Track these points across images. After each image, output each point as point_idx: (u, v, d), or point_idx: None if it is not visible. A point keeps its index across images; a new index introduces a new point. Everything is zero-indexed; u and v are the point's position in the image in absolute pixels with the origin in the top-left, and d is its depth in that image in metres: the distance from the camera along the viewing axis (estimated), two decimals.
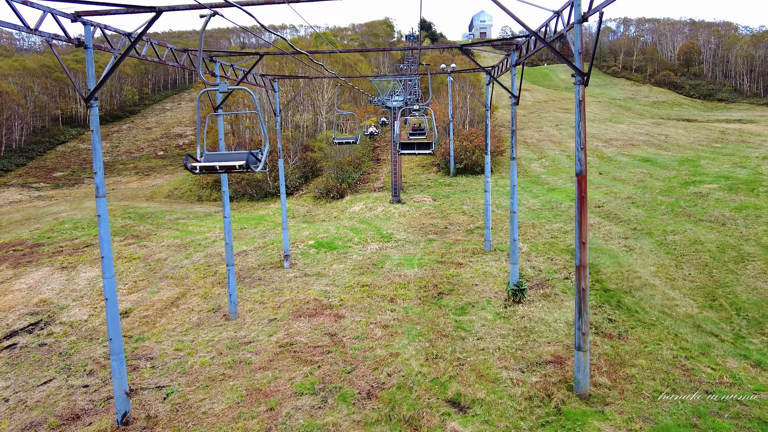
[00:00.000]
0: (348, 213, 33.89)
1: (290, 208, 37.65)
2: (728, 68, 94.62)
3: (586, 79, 10.12)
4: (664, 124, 61.17)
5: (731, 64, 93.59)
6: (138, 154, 76.18)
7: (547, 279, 19.26)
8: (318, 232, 29.03)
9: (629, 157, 44.92)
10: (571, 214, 28.87)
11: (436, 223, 29.54)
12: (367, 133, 33.25)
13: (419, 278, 20.04)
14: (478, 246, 24.05)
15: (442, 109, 51.30)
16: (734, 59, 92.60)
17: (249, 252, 26.90)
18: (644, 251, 21.00)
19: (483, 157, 41.90)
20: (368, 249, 25.36)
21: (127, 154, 76.55)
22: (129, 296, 22.05)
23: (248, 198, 42.50)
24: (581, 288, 10.59)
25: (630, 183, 35.68)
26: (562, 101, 79.80)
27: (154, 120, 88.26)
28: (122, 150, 77.59)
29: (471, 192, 36.74)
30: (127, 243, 32.18)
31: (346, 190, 38.47)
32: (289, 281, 21.42)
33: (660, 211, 27.54)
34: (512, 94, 16.70)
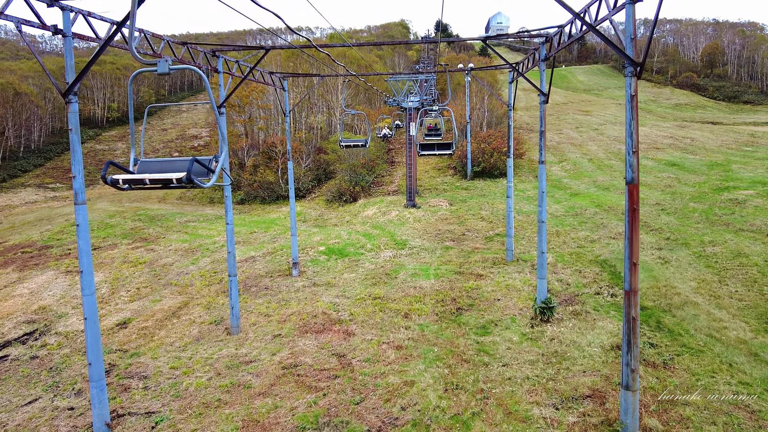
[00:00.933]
0: (361, 217, 32.37)
1: (302, 212, 36.28)
2: (754, 69, 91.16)
3: (640, 71, 8.43)
4: (688, 126, 58.59)
5: (758, 65, 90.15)
6: (153, 156, 75.62)
7: (576, 294, 17.48)
8: (329, 237, 27.56)
9: (654, 161, 42.69)
10: (597, 221, 26.98)
11: (453, 230, 27.87)
12: (379, 135, 31.71)
13: (436, 291, 18.41)
14: (499, 255, 22.32)
15: (459, 110, 49.54)
16: (761, 60, 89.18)
17: (257, 258, 25.52)
18: (681, 264, 19.10)
19: (501, 159, 40.15)
20: (381, 257, 23.79)
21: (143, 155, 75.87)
22: (130, 305, 20.79)
23: (260, 201, 41.26)
24: (630, 317, 8.88)
25: (657, 188, 33.58)
26: (581, 103, 77.45)
27: (170, 121, 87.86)
28: (137, 151, 76.93)
29: (489, 196, 34.96)
30: (135, 246, 31.08)
31: (359, 193, 36.98)
32: (296, 291, 19.95)
33: (694, 219, 25.51)
34: (541, 91, 15.01)
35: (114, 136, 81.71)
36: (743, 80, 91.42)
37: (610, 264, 20.08)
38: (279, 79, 21.97)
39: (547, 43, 14.78)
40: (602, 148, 48.17)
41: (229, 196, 16.55)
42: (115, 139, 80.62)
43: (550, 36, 14.52)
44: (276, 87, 21.61)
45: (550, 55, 14.46)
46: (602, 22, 10.25)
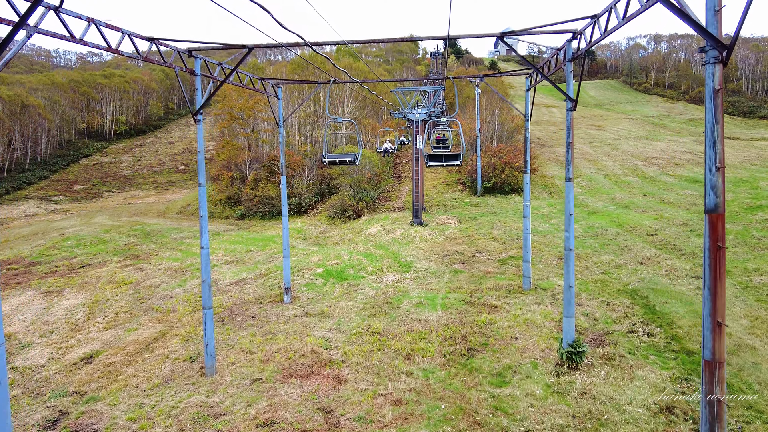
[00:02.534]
0: (364, 235, 29.90)
1: (302, 229, 33.91)
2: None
3: (727, 56, 5.98)
4: None
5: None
6: (159, 168, 74.07)
7: (606, 332, 14.82)
8: (328, 258, 25.10)
9: (674, 177, 39.93)
10: (621, 242, 24.29)
11: (462, 250, 25.30)
12: (380, 150, 29.29)
13: (443, 325, 15.82)
14: (515, 282, 19.70)
15: (468, 124, 47.20)
16: None
17: (248, 281, 23.10)
18: (728, 297, 16.31)
19: (513, 175, 37.62)
20: (383, 281, 21.27)
21: (148, 168, 74.49)
22: (103, 333, 18.41)
23: (260, 216, 38.99)
24: (714, 399, 6.29)
25: (681, 206, 30.82)
26: (593, 118, 74.85)
27: (178, 134, 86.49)
28: (144, 164, 75.62)
29: (501, 214, 32.36)
30: (124, 265, 28.86)
31: (363, 209, 34.56)
32: (286, 322, 17.46)
33: (729, 242, 22.74)
34: (568, 96, 12.58)
35: (121, 149, 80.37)
36: (758, 95, 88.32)
37: (642, 294, 17.39)
38: (273, 87, 19.74)
39: (574, 39, 12.37)
40: (618, 164, 45.46)
41: (204, 216, 14.18)
42: (122, 152, 79.23)
43: (577, 31, 12.12)
44: (269, 95, 19.36)
45: (579, 54, 12.04)
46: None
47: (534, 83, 18.07)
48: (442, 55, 71.43)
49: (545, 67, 15.46)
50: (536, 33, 12.22)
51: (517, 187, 37.81)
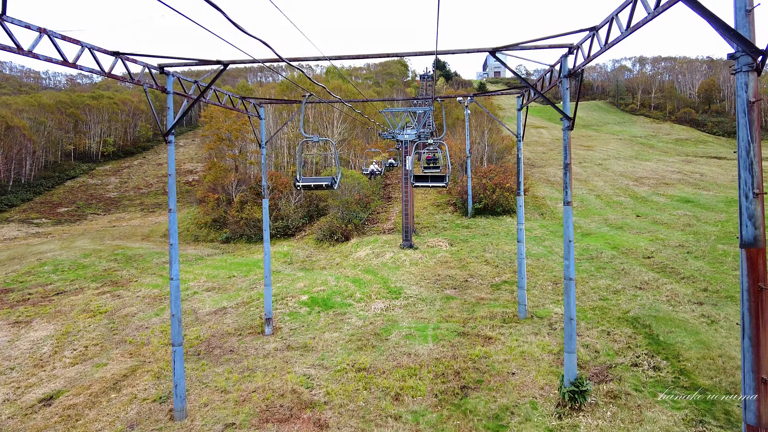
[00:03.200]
0: (352, 259, 28.71)
1: (289, 252, 32.64)
2: None
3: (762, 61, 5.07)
4: (695, 161, 55.60)
5: None
6: (146, 190, 72.56)
7: (609, 366, 13.70)
8: (314, 284, 23.87)
9: (666, 197, 39.37)
10: (617, 266, 23.34)
11: (453, 275, 24.19)
12: (365, 172, 28.23)
13: (435, 360, 14.61)
14: (509, 310, 18.58)
15: (458, 145, 46.58)
16: None
17: (229, 310, 21.76)
18: (734, 326, 15.37)
19: (504, 196, 36.82)
20: (371, 309, 20.05)
21: (135, 190, 72.97)
22: (69, 370, 16.95)
23: (246, 239, 37.69)
24: None
25: (676, 227, 30.08)
26: (581, 138, 74.82)
27: (166, 156, 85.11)
28: (131, 186, 74.11)
29: (493, 236, 31.39)
30: (101, 292, 27.41)
31: (351, 231, 33.42)
32: (266, 356, 16.14)
33: (728, 264, 21.90)
34: (565, 114, 11.70)
35: (108, 170, 78.85)
36: None
37: (644, 323, 16.35)
38: (255, 106, 18.78)
39: (570, 54, 11.55)
40: (609, 184, 44.92)
41: (174, 244, 12.99)
42: (109, 174, 77.70)
43: (574, 46, 11.32)
44: (250, 115, 18.37)
45: (577, 69, 11.20)
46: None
47: (526, 102, 17.28)
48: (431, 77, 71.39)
49: (539, 84, 14.64)
50: (529, 48, 11.41)
51: (509, 209, 36.98)
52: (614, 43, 8.97)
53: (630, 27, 8.22)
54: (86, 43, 10.18)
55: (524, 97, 17.95)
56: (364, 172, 28.19)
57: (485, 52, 12.00)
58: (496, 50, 11.78)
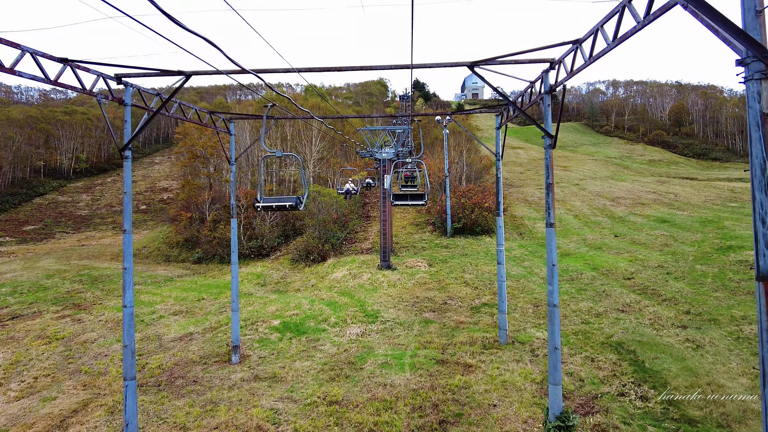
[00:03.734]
0: (328, 280, 27.64)
1: (262, 273, 31.37)
2: (719, 128, 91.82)
3: None
4: (668, 182, 56.36)
5: (722, 125, 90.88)
6: (119, 208, 70.18)
7: (595, 396, 12.93)
8: (287, 307, 22.71)
9: (642, 217, 39.45)
10: (598, 287, 22.82)
11: (432, 297, 23.33)
12: (341, 192, 27.33)
13: (412, 391, 13.63)
14: (490, 335, 17.74)
15: (436, 164, 46.21)
16: (725, 120, 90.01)
17: (195, 336, 20.43)
18: (720, 350, 14.81)
19: (483, 216, 36.36)
20: (346, 334, 18.99)
21: (107, 207, 70.64)
22: (12, 405, 15.43)
23: (218, 260, 36.25)
24: None
25: (654, 248, 29.89)
26: (558, 159, 75.59)
27: (141, 173, 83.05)
28: (103, 203, 71.74)
29: (472, 256, 30.73)
30: (61, 316, 25.73)
31: (328, 252, 32.37)
32: (231, 388, 14.93)
33: (708, 285, 21.56)
34: (547, 133, 11.10)
35: (80, 187, 76.30)
36: (709, 138, 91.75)
37: (628, 348, 15.69)
38: (224, 121, 17.85)
39: (552, 69, 11.01)
40: (586, 204, 44.97)
41: (128, 268, 11.87)
42: (81, 191, 75.16)
43: (555, 60, 10.79)
44: (219, 130, 17.43)
45: (559, 84, 10.65)
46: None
47: (505, 121, 16.76)
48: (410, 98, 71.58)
49: (518, 102, 14.10)
50: (509, 62, 10.82)
51: (487, 228, 36.50)
52: (600, 56, 8.41)
53: (617, 38, 7.66)
54: (27, 47, 9.20)
55: (503, 116, 17.47)
56: (339, 191, 27.23)
57: (464, 66, 11.37)
58: (475, 64, 11.14)
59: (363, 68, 11.77)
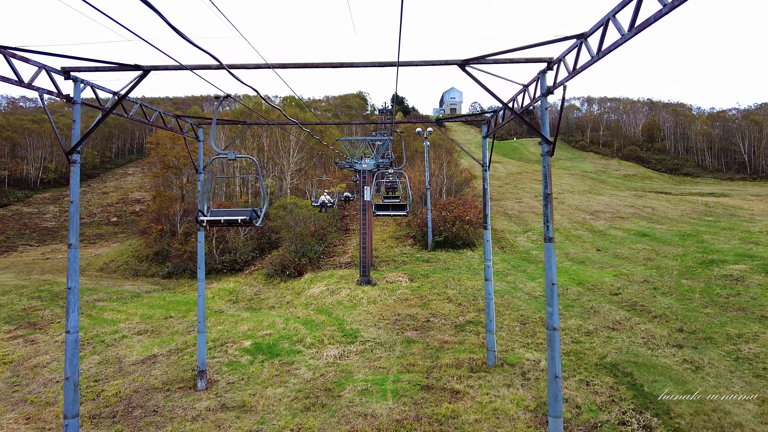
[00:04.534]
0: (305, 297, 26.12)
1: (235, 289, 29.64)
2: (689, 144, 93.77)
3: None
4: (645, 196, 56.62)
5: (692, 141, 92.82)
6: (89, 220, 67.28)
7: (595, 425, 11.79)
8: (260, 326, 21.12)
9: (622, 231, 39.10)
10: (585, 304, 21.90)
11: (415, 314, 22.05)
12: (315, 204, 25.93)
13: (395, 422, 12.26)
14: (477, 356, 16.52)
15: (417, 177, 45.29)
16: (694, 136, 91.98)
17: (159, 359, 18.67)
18: (721, 372, 13.88)
19: (464, 229, 35.42)
20: (323, 357, 17.53)
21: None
22: None
23: (189, 274, 34.32)
24: None
25: (637, 262, 29.30)
26: (535, 173, 75.68)
27: (113, 184, 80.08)
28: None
29: (454, 270, 29.62)
30: (13, 336, 23.58)
31: (305, 266, 30.85)
32: (195, 419, 13.31)
33: (696, 301, 20.84)
34: (544, 138, 10.06)
35: (47, 198, 72.97)
36: (680, 154, 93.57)
37: (624, 370, 14.65)
38: (192, 126, 16.41)
39: (550, 70, 10.01)
40: (566, 218, 44.53)
41: (73, 288, 10.28)
42: (48, 202, 71.87)
43: (553, 60, 9.80)
44: (185, 135, 15.98)
45: (559, 85, 9.63)
46: None
47: (492, 130, 15.76)
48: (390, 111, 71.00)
49: (516, 98, 13.06)
50: (504, 61, 9.74)
51: (469, 242, 35.54)
52: (611, 50, 7.39)
53: (634, 27, 6.64)
54: None
55: (490, 125, 16.48)
56: (314, 204, 25.78)
57: (453, 64, 10.25)
58: (466, 63, 10.03)
59: (344, 65, 10.58)
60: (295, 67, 10.30)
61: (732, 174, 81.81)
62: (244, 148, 46.81)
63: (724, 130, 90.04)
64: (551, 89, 10.07)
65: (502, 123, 14.36)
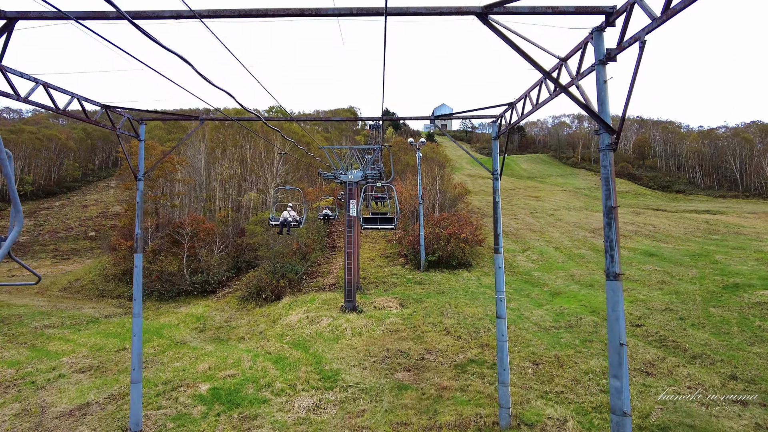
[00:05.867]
0: (281, 326, 22.40)
1: (203, 315, 25.82)
2: (680, 162, 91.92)
3: None
4: (643, 213, 53.80)
5: (683, 158, 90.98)
6: (65, 235, 62.95)
7: None
8: (224, 364, 17.38)
9: (627, 249, 35.91)
10: (605, 337, 18.47)
11: (407, 349, 18.45)
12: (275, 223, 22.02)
13: None
14: (485, 411, 12.94)
15: (408, 191, 41.99)
16: (686, 153, 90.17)
17: (92, 408, 14.83)
18: None
19: (460, 247, 32.03)
20: (294, 408, 13.85)
21: (51, 234, 63.23)
22: None
23: (157, 296, 30.36)
24: None
25: (651, 285, 26.03)
26: (528, 189, 72.90)
27: (93, 198, 75.81)
28: (47, 229, 64.29)
29: (450, 294, 26.11)
30: None
31: (284, 289, 27.14)
32: None
33: (737, 336, 17.50)
34: (604, 124, 6.73)
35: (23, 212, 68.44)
36: (672, 171, 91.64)
37: None
38: (130, 122, 12.89)
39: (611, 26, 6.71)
40: (566, 235, 41.36)
41: None
42: (23, 215, 67.36)
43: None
44: (119, 133, 12.47)
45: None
46: None
47: (507, 127, 12.41)
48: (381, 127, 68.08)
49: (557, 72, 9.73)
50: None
51: (465, 261, 32.11)
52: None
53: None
54: None
55: (502, 122, 13.13)
56: (272, 223, 21.77)
57: (470, 14, 7.00)
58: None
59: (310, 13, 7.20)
60: (236, 16, 6.89)
61: (724, 191, 79.69)
62: (224, 159, 43.23)
63: (714, 148, 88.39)
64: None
65: (523, 115, 10.96)
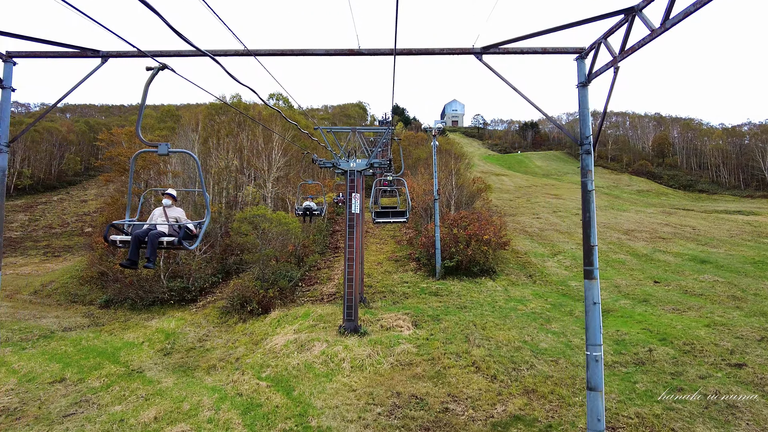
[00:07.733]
0: (263, 351, 17.29)
1: (174, 331, 20.77)
2: (702, 160, 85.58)
3: None
4: (675, 213, 48.02)
5: (705, 157, 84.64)
6: (59, 230, 58.59)
7: None
8: (176, 411, 12.31)
9: (672, 255, 30.38)
10: (696, 382, 13.10)
11: (424, 394, 13.24)
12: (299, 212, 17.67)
13: None
14: None
15: (420, 186, 36.78)
16: (708, 152, 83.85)
17: None
18: None
19: (481, 251, 26.72)
20: None
21: (45, 229, 58.91)
22: None
23: (129, 304, 25.39)
24: None
25: (721, 301, 20.59)
26: (545, 187, 67.22)
27: (94, 192, 71.40)
28: (42, 224, 59.98)
29: (473, 310, 20.84)
30: None
31: (274, 300, 22.05)
32: None
33: None
34: None
35: (18, 206, 64.28)
36: (693, 170, 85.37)
37: None
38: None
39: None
40: (598, 237, 35.81)
41: None
42: (19, 210, 63.20)
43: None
44: None
45: None
46: None
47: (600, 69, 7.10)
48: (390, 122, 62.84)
49: None
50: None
51: (488, 268, 26.84)
52: None
53: None
54: None
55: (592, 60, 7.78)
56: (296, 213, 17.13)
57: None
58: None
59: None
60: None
61: (752, 191, 73.33)
62: (218, 148, 38.25)
63: (739, 146, 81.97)
64: None
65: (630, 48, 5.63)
